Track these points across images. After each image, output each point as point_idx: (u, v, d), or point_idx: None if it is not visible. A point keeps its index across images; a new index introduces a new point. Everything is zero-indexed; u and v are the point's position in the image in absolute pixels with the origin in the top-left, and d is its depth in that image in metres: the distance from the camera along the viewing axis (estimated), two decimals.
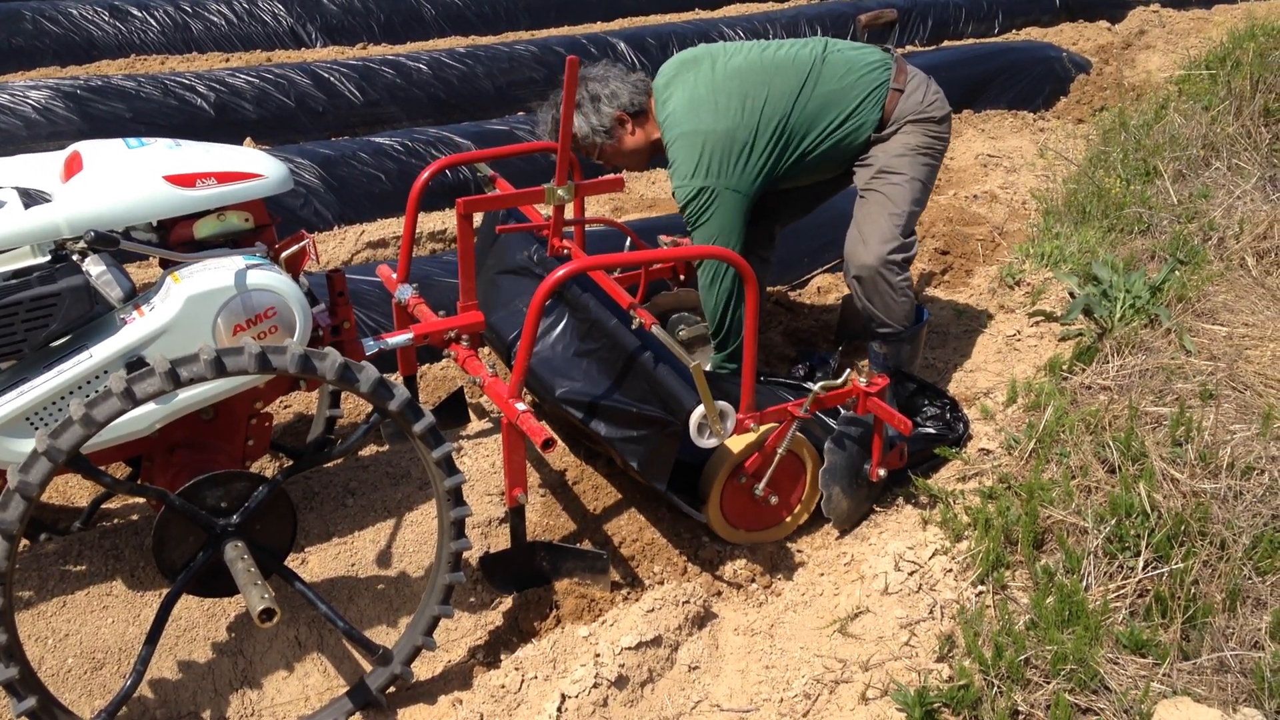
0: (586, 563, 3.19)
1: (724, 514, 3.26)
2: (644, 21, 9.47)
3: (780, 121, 3.52)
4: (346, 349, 3.02)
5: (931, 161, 3.72)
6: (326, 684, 2.92)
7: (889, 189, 3.64)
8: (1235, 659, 2.62)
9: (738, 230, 3.52)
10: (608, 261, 3.08)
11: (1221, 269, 4.39)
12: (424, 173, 3.41)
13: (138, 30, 7.88)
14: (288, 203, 5.21)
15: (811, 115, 3.56)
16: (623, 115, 3.60)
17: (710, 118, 3.47)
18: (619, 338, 3.17)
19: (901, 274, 3.66)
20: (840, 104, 3.59)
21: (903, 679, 2.75)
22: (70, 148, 2.74)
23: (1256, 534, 2.92)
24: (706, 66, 3.58)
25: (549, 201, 3.43)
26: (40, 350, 2.50)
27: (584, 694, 2.73)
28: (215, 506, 2.54)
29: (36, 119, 5.81)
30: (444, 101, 7.12)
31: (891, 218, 3.62)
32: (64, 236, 2.49)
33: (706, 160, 3.45)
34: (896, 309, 3.70)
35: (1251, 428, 3.32)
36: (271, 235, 2.84)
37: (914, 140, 3.66)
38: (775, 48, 3.65)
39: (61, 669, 2.79)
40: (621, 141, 3.64)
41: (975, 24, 9.85)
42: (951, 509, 3.29)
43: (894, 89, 3.64)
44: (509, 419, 2.88)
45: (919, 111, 3.66)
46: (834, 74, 3.59)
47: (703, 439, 2.96)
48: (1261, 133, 5.63)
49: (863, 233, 3.65)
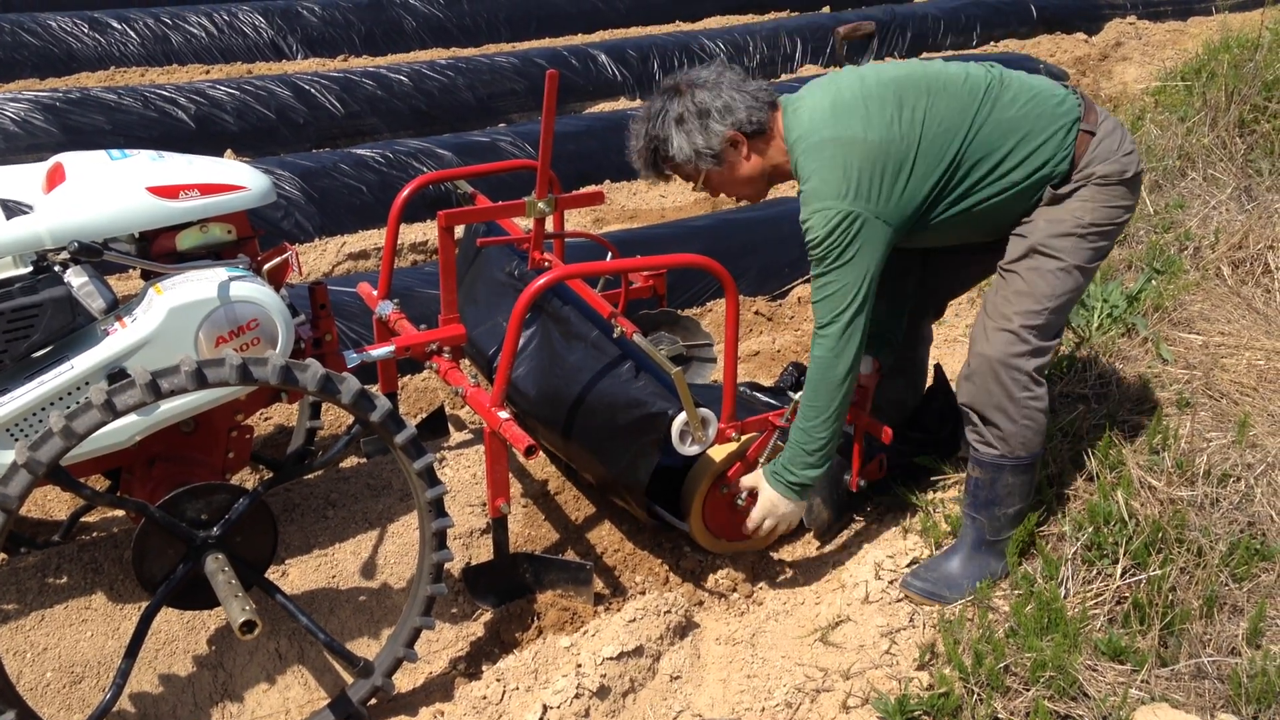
0: (570, 574, 3.19)
1: (706, 524, 3.27)
2: (624, 34, 9.50)
3: (947, 143, 2.77)
4: (328, 361, 3.02)
5: (1104, 243, 2.89)
6: (307, 696, 2.91)
7: (1035, 276, 2.86)
8: (1212, 665, 2.64)
9: (879, 274, 2.80)
10: (587, 270, 3.08)
11: (1197, 278, 4.42)
12: (404, 190, 3.40)
13: (117, 42, 7.86)
14: (269, 214, 5.20)
15: (985, 143, 2.79)
16: (737, 135, 2.86)
17: (860, 125, 2.74)
18: (600, 347, 3.18)
19: (1029, 388, 2.87)
20: (1020, 132, 2.80)
21: (884, 687, 2.75)
22: (53, 159, 2.74)
23: (1233, 541, 2.94)
24: (852, 76, 2.87)
25: (529, 214, 3.43)
26: (21, 361, 2.49)
27: (566, 704, 2.73)
28: (196, 519, 2.53)
29: (15, 131, 5.79)
30: (425, 113, 7.13)
31: (1028, 315, 2.85)
32: (46, 247, 2.48)
33: (855, 178, 2.71)
34: (1010, 427, 2.90)
35: (1227, 435, 3.35)
36: (254, 247, 2.84)
37: (1092, 212, 2.83)
38: (938, 63, 2.94)
39: (40, 683, 2.78)
40: (734, 168, 2.92)
41: (953, 36, 9.92)
42: (931, 517, 3.30)
43: (1084, 130, 2.83)
44: (491, 427, 2.89)
45: (1110, 166, 2.83)
46: (1016, 99, 2.83)
47: (685, 446, 2.97)
48: (1236, 143, 5.68)
49: (983, 324, 2.93)
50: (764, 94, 2.89)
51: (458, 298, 3.49)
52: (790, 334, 4.69)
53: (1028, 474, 2.98)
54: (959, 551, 3.07)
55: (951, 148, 2.77)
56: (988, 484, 2.99)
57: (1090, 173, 2.82)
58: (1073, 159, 2.82)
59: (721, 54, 3.29)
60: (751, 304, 4.87)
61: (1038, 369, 2.87)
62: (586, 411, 3.15)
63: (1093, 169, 2.82)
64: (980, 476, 3.00)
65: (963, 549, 3.07)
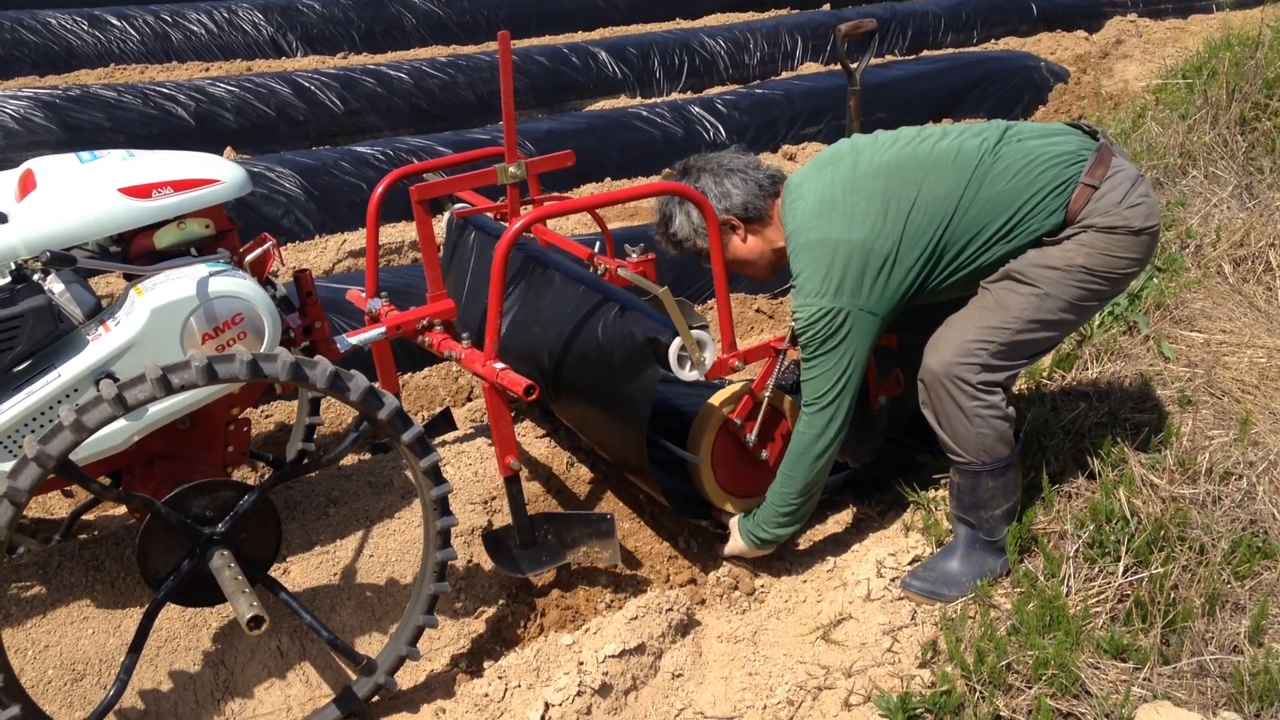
0: (592, 528, 3.04)
1: (716, 473, 3.24)
2: (625, 31, 9.50)
3: (932, 232, 2.84)
4: (320, 349, 3.01)
5: (1097, 286, 2.85)
6: (309, 694, 2.91)
7: (1005, 295, 2.87)
8: (1215, 663, 2.64)
9: (866, 359, 2.95)
10: (562, 209, 3.05)
11: (1199, 276, 4.42)
12: (379, 186, 3.36)
13: (117, 40, 7.86)
14: (268, 212, 5.21)
15: (972, 224, 2.85)
16: (732, 220, 3.05)
17: (842, 225, 2.86)
18: (587, 289, 3.17)
19: (977, 397, 2.87)
20: (1010, 208, 2.83)
21: (885, 685, 2.75)
22: (23, 165, 2.71)
23: (1235, 539, 2.94)
24: (848, 162, 2.96)
25: (501, 180, 3.40)
26: (7, 374, 2.48)
27: (567, 702, 2.73)
28: (201, 514, 2.52)
29: (15, 129, 5.79)
30: (425, 111, 7.13)
31: (986, 330, 2.86)
32: (22, 257, 2.45)
33: (837, 277, 2.84)
34: (967, 435, 2.91)
35: (1229, 433, 3.35)
36: (234, 240, 2.82)
37: (1086, 256, 2.81)
38: (938, 137, 2.95)
39: (42, 680, 2.77)
40: (733, 249, 3.10)
41: (954, 34, 9.92)
42: (933, 515, 3.30)
43: (1084, 184, 2.81)
44: (489, 380, 2.87)
45: (1111, 215, 2.79)
46: (1007, 170, 2.84)
47: (684, 370, 2.93)
48: (1238, 141, 5.68)
49: (940, 335, 2.95)
50: (768, 183, 3.06)
51: (447, 286, 3.48)
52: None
53: (1005, 476, 2.98)
54: (956, 550, 3.07)
55: (935, 234, 2.85)
56: (969, 489, 3.01)
57: (1088, 221, 2.82)
58: (1066, 215, 2.83)
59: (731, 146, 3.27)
60: (752, 301, 4.87)
61: (985, 384, 2.87)
62: (579, 356, 3.12)
63: (1091, 221, 2.82)
64: (960, 481, 3.03)
65: (959, 548, 3.07)
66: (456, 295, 3.65)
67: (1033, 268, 2.84)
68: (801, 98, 7.34)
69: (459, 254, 3.77)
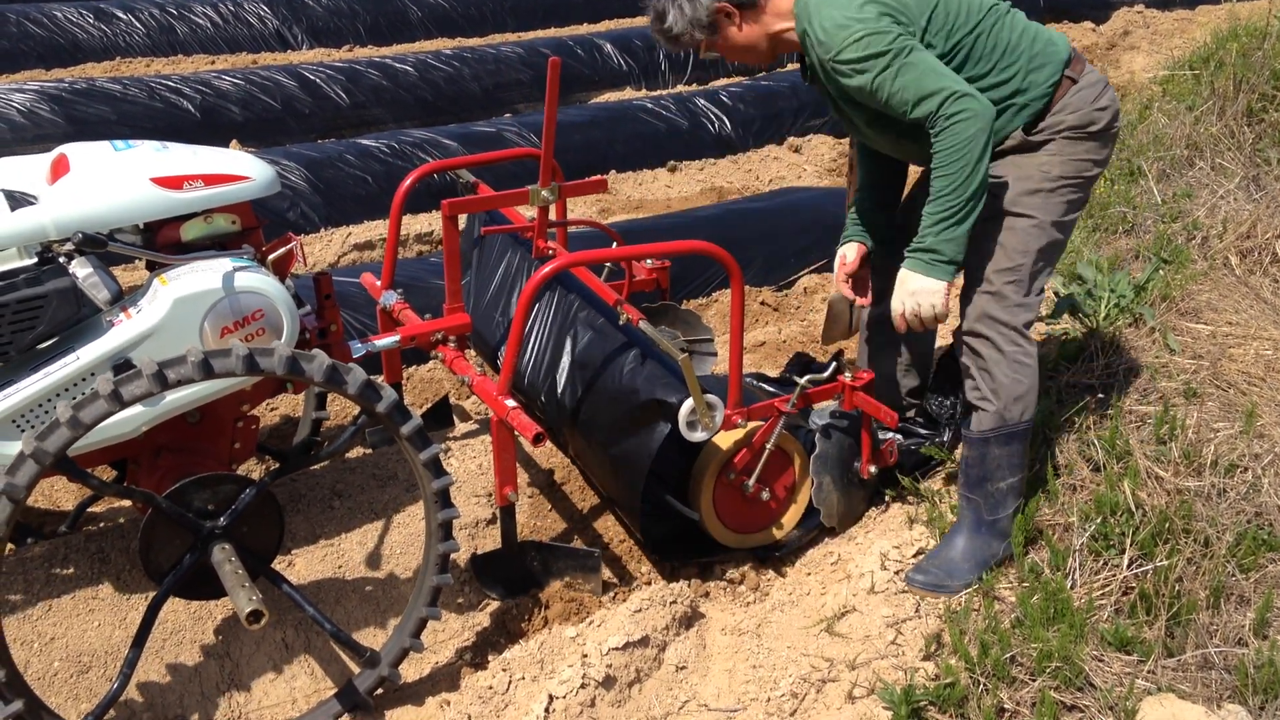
0: (578, 561, 3.18)
1: (717, 513, 3.25)
2: (630, 23, 9.48)
3: (952, 29, 2.86)
4: (334, 351, 3.02)
5: (1076, 195, 2.98)
6: (314, 686, 2.92)
7: (1008, 235, 2.95)
8: (1219, 656, 2.63)
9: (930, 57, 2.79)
10: (592, 258, 3.07)
11: (1205, 268, 4.41)
12: (406, 179, 3.40)
13: (122, 33, 7.87)
14: (274, 205, 5.21)
15: (983, 47, 2.89)
16: (726, 7, 2.96)
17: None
18: (606, 335, 3.18)
19: (1018, 343, 2.95)
20: (1014, 54, 2.90)
21: (889, 678, 2.75)
22: (57, 150, 2.74)
23: (1240, 531, 2.94)
24: None
25: (533, 203, 3.43)
26: (27, 353, 2.49)
27: (571, 694, 2.73)
28: (202, 509, 2.53)
29: (21, 122, 5.80)
30: (430, 103, 7.13)
31: (1005, 273, 2.95)
32: (51, 238, 2.49)
33: (873, 11, 2.77)
34: (1005, 382, 2.95)
35: (1235, 426, 3.34)
36: (259, 238, 2.85)
37: (1060, 165, 2.93)
38: None
39: (48, 672, 2.79)
40: (729, 37, 3.02)
41: None
42: (937, 508, 3.30)
43: (1067, 76, 2.92)
44: (499, 416, 2.89)
45: (1083, 117, 2.93)
46: (1015, 25, 2.94)
47: (693, 433, 2.97)
48: (1245, 132, 5.65)
49: (968, 292, 3.03)
50: None
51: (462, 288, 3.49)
52: (796, 324, 4.68)
53: (1015, 444, 3.01)
54: (959, 534, 3.08)
55: (954, 36, 2.87)
56: (978, 460, 3.04)
57: (1060, 121, 2.92)
58: (1050, 100, 2.92)
59: None
60: (757, 294, 4.87)
61: (1025, 324, 2.97)
62: (592, 401, 3.15)
63: (1063, 117, 2.92)
64: (970, 454, 3.06)
65: (962, 530, 3.08)
66: (468, 291, 3.66)
67: (1021, 197, 2.94)
68: (807, 89, 7.32)
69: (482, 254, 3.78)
